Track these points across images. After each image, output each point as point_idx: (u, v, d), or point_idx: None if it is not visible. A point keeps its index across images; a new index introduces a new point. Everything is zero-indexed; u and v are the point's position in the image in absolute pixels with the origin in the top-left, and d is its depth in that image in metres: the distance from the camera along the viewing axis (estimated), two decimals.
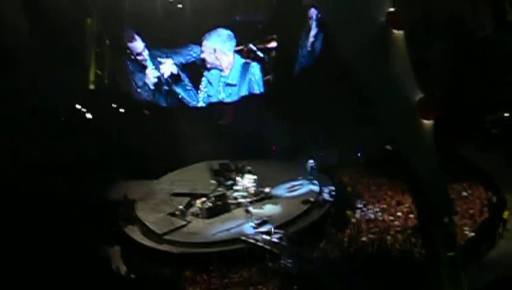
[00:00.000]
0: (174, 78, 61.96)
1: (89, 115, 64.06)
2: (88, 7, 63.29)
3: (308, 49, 64.95)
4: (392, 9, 32.22)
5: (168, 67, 61.50)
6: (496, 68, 59.36)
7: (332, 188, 51.87)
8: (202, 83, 57.07)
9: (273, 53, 62.20)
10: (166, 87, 62.06)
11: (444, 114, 33.75)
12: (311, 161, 53.00)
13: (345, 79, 41.66)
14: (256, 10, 63.57)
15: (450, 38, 62.10)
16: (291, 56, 64.76)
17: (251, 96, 63.82)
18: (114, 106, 65.79)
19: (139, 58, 62.02)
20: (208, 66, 56.59)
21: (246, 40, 58.29)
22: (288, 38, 64.46)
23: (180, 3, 61.35)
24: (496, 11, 57.99)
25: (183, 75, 61.47)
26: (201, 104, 60.28)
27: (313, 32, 64.02)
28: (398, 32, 31.46)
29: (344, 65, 36.29)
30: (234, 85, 57.60)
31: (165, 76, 61.77)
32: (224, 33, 55.51)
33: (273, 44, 59.57)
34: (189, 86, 61.99)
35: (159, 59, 61.36)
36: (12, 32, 57.15)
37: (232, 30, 56.72)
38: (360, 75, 33.82)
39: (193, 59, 60.71)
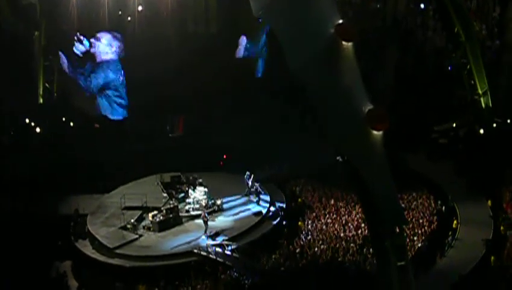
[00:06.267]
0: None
1: (38, 129, 63.48)
2: (35, 20, 62.93)
3: (259, 61, 65.39)
4: (341, 21, 32.54)
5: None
6: (445, 79, 60.33)
7: (283, 199, 52.17)
8: None
9: None
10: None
11: (392, 125, 34.18)
12: (247, 174, 53.08)
13: (296, 90, 41.91)
14: (206, 22, 63.91)
15: (400, 50, 63.00)
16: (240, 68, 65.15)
17: (201, 107, 63.99)
18: (63, 119, 65.33)
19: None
20: None
21: None
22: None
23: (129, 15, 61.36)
24: (445, 24, 58.86)
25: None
26: None
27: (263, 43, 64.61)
28: (348, 44, 31.72)
29: (294, 76, 36.52)
30: None
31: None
32: None
33: None
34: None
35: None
36: None
37: None
38: (309, 86, 34.01)
39: None
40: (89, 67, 63.62)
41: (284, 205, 51.10)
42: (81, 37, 62.36)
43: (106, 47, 63.33)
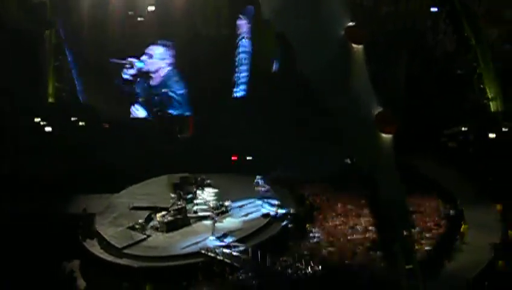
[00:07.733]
0: None
1: (48, 129, 63.52)
2: (46, 19, 63.02)
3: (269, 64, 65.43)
4: (351, 24, 32.59)
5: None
6: (454, 83, 60.18)
7: (292, 201, 52.09)
8: None
9: None
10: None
11: (402, 128, 34.17)
12: (258, 177, 53.05)
13: (306, 93, 41.90)
14: (217, 24, 63.94)
15: (410, 54, 62.84)
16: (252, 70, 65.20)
17: (211, 108, 63.99)
18: (73, 119, 65.38)
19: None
20: None
21: None
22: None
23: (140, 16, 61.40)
24: (455, 28, 58.82)
25: None
26: None
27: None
28: (358, 47, 31.77)
29: (304, 79, 36.54)
30: None
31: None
32: None
33: None
34: None
35: None
36: None
37: None
38: (319, 89, 34.04)
39: None
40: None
41: (293, 207, 50.99)
42: (133, 61, 62.46)
43: (160, 61, 63.51)
